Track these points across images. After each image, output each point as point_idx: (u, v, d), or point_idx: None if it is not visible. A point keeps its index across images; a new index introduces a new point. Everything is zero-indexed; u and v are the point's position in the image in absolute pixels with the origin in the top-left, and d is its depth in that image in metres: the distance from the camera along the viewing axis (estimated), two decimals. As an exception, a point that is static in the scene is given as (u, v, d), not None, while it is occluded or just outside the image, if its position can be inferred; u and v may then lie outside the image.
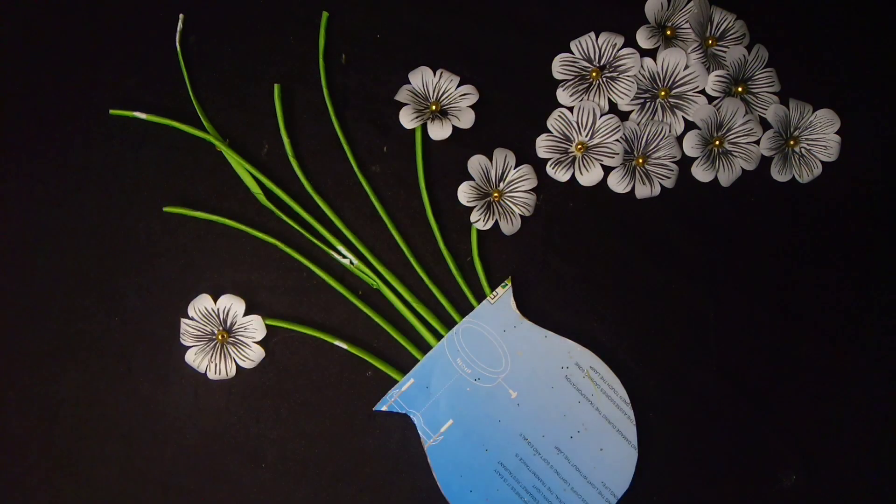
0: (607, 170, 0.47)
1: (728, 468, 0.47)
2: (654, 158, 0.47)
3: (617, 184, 0.47)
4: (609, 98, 0.47)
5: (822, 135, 0.48)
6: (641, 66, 0.47)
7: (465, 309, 0.47)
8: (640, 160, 0.47)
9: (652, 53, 0.47)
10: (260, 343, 0.46)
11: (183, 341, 0.46)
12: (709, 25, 0.47)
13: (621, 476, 0.46)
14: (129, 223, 0.47)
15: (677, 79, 0.47)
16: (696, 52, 0.47)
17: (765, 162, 0.48)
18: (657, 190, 0.47)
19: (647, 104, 0.47)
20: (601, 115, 0.47)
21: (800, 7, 0.49)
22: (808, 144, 0.48)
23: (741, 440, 0.47)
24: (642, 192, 0.47)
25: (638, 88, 0.47)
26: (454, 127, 0.47)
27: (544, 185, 0.48)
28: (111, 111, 0.47)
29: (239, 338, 0.46)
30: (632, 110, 0.47)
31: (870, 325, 0.48)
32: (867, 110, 0.49)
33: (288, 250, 0.47)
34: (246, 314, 0.46)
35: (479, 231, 0.47)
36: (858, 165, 0.49)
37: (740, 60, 0.47)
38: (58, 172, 0.48)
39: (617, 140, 0.46)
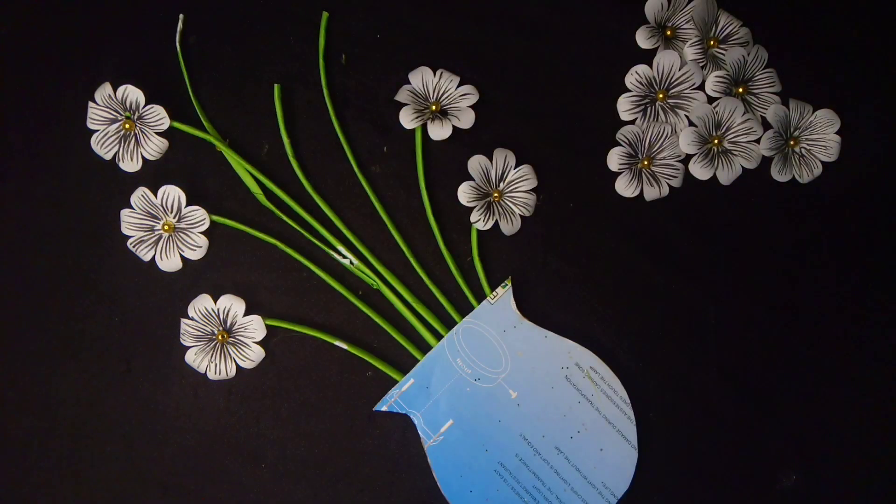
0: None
1: (728, 468, 0.47)
2: (660, 159, 0.47)
3: (625, 188, 0.47)
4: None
5: (822, 135, 0.48)
6: (641, 75, 0.47)
7: (465, 309, 0.47)
8: (646, 162, 0.47)
9: (652, 54, 0.47)
10: (260, 343, 0.46)
11: (183, 341, 0.46)
12: (714, 26, 0.47)
13: (621, 476, 0.46)
14: (129, 223, 0.47)
15: (673, 79, 0.47)
16: (695, 47, 0.47)
17: (765, 162, 0.48)
18: (665, 190, 0.47)
19: (648, 110, 0.47)
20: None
21: (800, 8, 0.49)
22: (808, 144, 0.48)
23: (741, 440, 0.47)
24: (651, 193, 0.47)
25: (636, 95, 0.47)
26: (454, 127, 0.47)
27: (544, 185, 0.48)
28: (111, 111, 0.47)
29: (239, 338, 0.46)
30: (634, 118, 0.47)
31: (870, 325, 0.48)
32: (867, 110, 0.49)
33: (288, 250, 0.47)
34: (246, 314, 0.46)
35: (479, 231, 0.47)
36: (858, 165, 0.49)
37: (740, 61, 0.47)
38: (58, 172, 0.48)
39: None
